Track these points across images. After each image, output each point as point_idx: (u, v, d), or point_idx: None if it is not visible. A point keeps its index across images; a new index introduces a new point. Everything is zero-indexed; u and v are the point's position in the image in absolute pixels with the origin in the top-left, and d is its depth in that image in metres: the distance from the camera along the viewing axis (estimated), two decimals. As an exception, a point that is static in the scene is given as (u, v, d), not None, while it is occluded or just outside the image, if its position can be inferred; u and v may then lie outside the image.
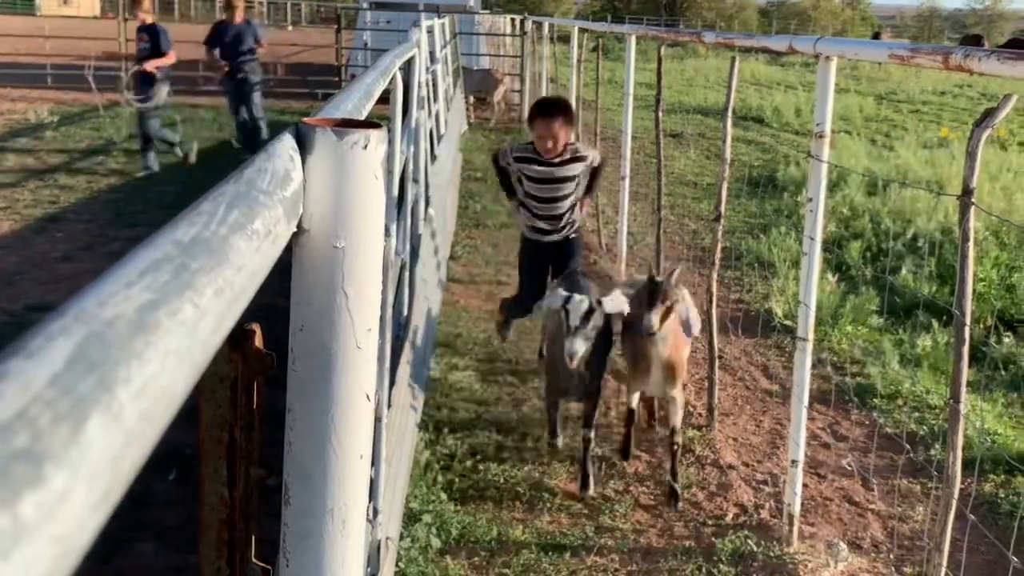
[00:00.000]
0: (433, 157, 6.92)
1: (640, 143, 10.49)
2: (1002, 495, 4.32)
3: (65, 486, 0.26)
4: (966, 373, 2.54)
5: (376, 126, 0.66)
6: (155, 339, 0.35)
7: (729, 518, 4.12)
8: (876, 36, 50.75)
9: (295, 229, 0.61)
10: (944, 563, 2.61)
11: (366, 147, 0.63)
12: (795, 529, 3.91)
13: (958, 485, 2.55)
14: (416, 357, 4.59)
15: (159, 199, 9.76)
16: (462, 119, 14.16)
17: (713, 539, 3.93)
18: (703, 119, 17.87)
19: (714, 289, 4.87)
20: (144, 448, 0.32)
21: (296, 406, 0.71)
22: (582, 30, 10.88)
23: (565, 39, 14.14)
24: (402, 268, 4.37)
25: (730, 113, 4.76)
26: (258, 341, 0.81)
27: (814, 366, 4.51)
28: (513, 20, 22.50)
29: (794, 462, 3.91)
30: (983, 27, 62.09)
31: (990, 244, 8.11)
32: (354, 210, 0.63)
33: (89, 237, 8.24)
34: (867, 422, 5.14)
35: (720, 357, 5.32)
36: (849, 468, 4.59)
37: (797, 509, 3.92)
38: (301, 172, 0.62)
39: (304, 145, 0.63)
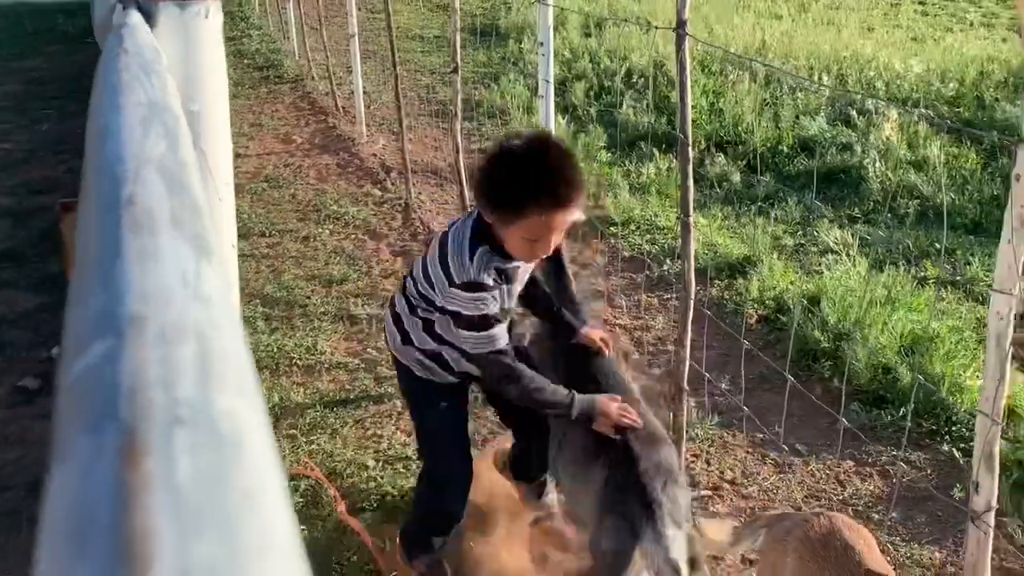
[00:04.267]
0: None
1: None
2: (727, 296, 4.88)
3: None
4: (692, 191, 2.85)
5: (210, -2, 0.72)
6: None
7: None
8: None
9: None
10: (687, 357, 2.99)
11: (207, 16, 0.69)
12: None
13: (693, 289, 2.90)
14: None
15: None
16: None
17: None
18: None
19: (459, 141, 5.04)
20: None
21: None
22: None
23: None
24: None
25: (454, -37, 4.82)
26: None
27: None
28: None
29: (549, 292, 4.24)
30: None
31: (698, 73, 8.74)
32: (203, 75, 0.70)
33: None
34: (606, 248, 5.57)
35: (471, 204, 5.54)
36: (597, 292, 5.01)
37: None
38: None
39: (149, 20, 0.69)
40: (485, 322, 2.31)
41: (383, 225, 5.82)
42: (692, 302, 2.90)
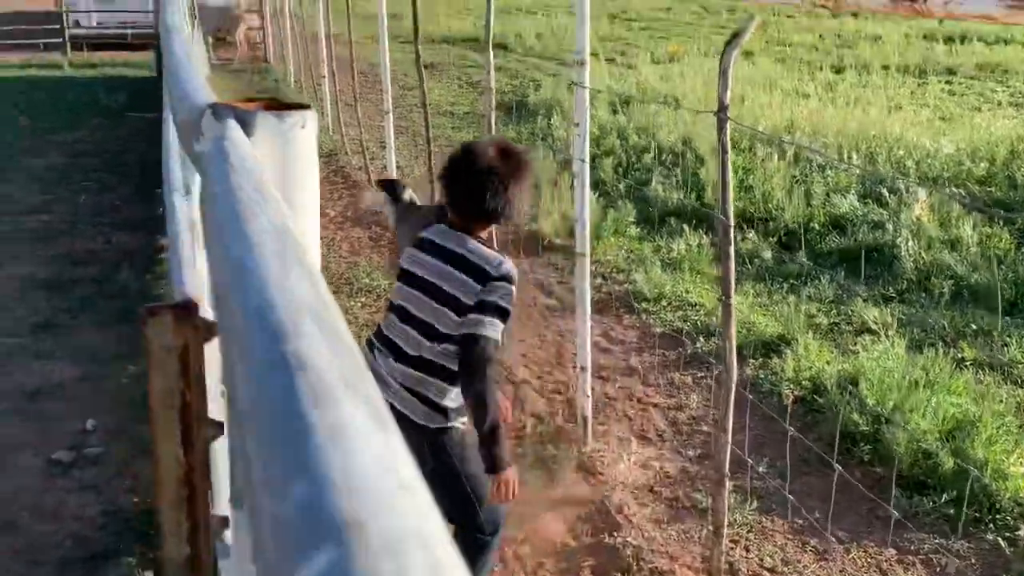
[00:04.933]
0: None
1: (393, 75, 10.50)
2: (762, 375, 4.83)
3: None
4: (734, 272, 2.85)
5: (305, 107, 0.73)
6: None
7: (528, 428, 4.39)
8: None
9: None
10: (729, 442, 2.95)
11: (304, 127, 0.70)
12: (589, 430, 4.23)
13: (735, 372, 2.88)
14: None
15: None
16: (203, 61, 13.56)
17: (517, 450, 4.19)
18: (449, 48, 18.02)
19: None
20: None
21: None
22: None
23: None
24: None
25: (491, 46, 4.93)
26: (203, 311, 0.86)
27: (589, 279, 4.83)
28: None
29: (582, 368, 4.22)
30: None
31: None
32: (298, 186, 0.70)
33: None
34: (638, 324, 5.56)
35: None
36: (629, 368, 4.98)
37: (589, 412, 4.23)
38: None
39: (246, 128, 0.69)
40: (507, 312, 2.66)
41: (415, 299, 5.83)
42: (734, 386, 2.87)
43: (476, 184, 2.68)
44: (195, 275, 1.47)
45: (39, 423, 4.35)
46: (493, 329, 2.61)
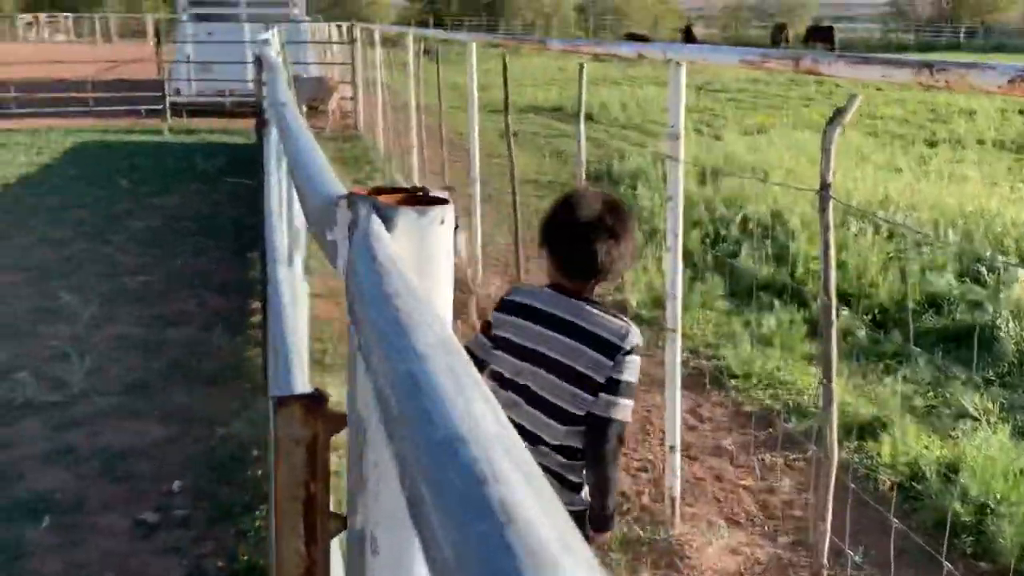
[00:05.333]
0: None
1: (480, 144, 10.66)
2: (856, 460, 4.66)
3: None
4: (836, 355, 2.76)
5: (444, 201, 0.71)
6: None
7: (614, 507, 4.29)
8: (688, 30, 52.92)
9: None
10: (828, 531, 2.83)
11: (443, 222, 0.69)
12: (677, 511, 4.12)
13: (836, 457, 2.77)
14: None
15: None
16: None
17: (602, 529, 4.09)
18: (536, 118, 18.26)
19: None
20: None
21: (381, 452, 0.75)
22: (418, 38, 10.93)
23: (391, 43, 14.14)
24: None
25: (583, 118, 4.96)
26: (331, 404, 0.85)
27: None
28: (340, 27, 22.32)
29: (672, 447, 4.12)
30: (785, 16, 65.66)
31: (817, 224, 8.64)
32: (435, 281, 0.68)
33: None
34: (727, 402, 5.43)
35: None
36: (717, 447, 4.85)
37: (678, 492, 4.12)
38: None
39: (387, 223, 0.68)
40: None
41: (499, 369, 5.81)
42: (835, 472, 2.76)
43: (587, 238, 2.42)
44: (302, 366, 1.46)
45: (127, 483, 4.41)
46: (625, 411, 2.44)
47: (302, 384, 1.69)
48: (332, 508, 0.83)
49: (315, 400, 0.81)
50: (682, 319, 6.61)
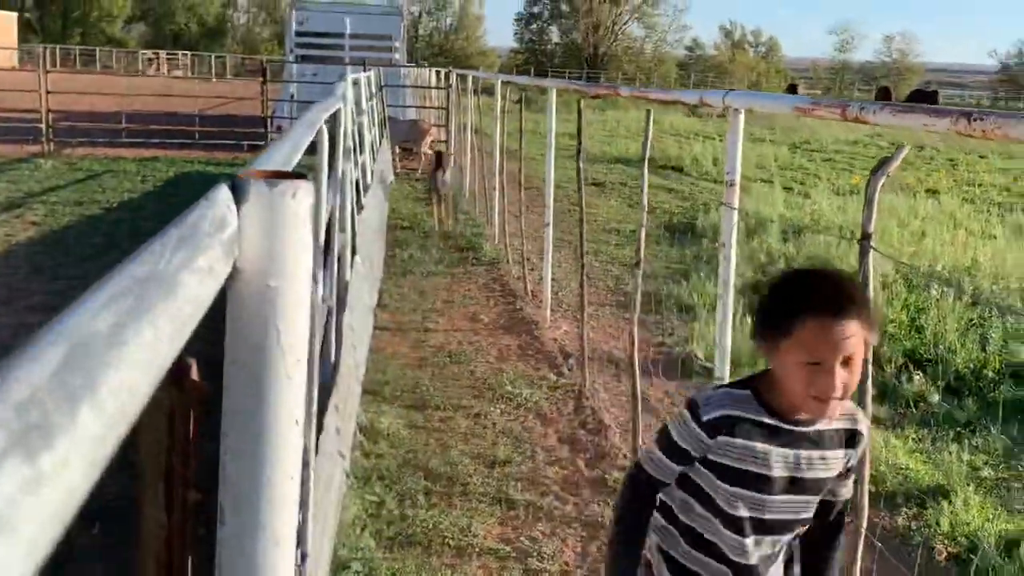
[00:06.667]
0: (360, 207, 6.98)
1: (563, 191, 10.72)
2: (914, 527, 4.48)
3: (66, 453, 0.33)
4: (870, 408, 2.68)
5: (303, 177, 0.74)
6: (125, 352, 0.42)
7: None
8: (792, 88, 52.61)
9: (231, 269, 0.69)
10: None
11: (295, 196, 0.71)
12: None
13: (866, 515, 2.68)
14: (343, 403, 4.61)
15: (80, 252, 9.63)
16: (389, 169, 14.27)
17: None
18: (625, 168, 18.29)
19: (635, 332, 5.00)
20: (118, 436, 0.40)
21: (231, 432, 0.78)
22: (505, 83, 11.13)
23: (489, 91, 14.40)
24: (329, 315, 4.41)
25: (647, 163, 4.95)
26: (194, 374, 0.87)
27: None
28: (438, 72, 22.88)
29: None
30: (892, 80, 64.66)
31: (900, 287, 8.43)
32: (285, 252, 0.71)
33: (7, 291, 8.08)
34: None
35: (644, 399, 5.43)
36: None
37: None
38: (236, 218, 0.70)
39: (239, 194, 0.71)
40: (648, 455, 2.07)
41: (554, 410, 5.79)
42: (864, 531, 2.66)
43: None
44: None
45: None
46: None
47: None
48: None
49: (178, 369, 0.83)
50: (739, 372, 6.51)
